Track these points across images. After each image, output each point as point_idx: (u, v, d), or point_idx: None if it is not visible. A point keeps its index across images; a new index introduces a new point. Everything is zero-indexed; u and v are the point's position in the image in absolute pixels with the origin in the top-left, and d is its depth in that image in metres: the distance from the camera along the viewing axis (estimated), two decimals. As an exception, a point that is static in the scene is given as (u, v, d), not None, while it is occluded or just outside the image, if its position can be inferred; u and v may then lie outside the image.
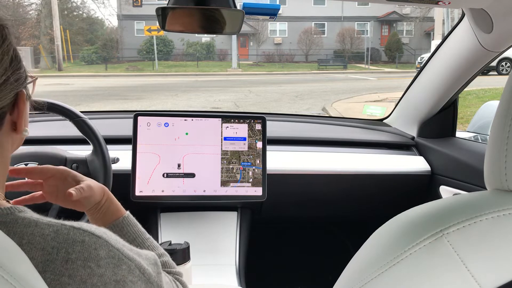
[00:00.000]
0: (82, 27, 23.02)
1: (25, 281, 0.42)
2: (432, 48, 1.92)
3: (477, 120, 1.74)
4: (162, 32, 18.33)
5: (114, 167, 1.27)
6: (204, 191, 1.37)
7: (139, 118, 1.37)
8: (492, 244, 0.44)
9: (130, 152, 1.36)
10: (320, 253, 2.03)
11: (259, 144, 1.41)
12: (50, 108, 1.22)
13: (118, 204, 0.80)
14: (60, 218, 0.55)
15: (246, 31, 23.79)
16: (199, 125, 1.39)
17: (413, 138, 1.72)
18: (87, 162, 1.25)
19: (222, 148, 1.39)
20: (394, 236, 0.49)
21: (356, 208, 1.76)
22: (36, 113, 1.72)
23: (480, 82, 6.85)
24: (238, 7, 0.87)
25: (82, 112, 1.26)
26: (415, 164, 1.62)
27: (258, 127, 1.42)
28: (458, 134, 1.64)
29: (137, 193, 1.34)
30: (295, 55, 24.07)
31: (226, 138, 1.40)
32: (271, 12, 0.94)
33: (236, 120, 1.41)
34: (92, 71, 18.27)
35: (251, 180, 1.39)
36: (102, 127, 1.31)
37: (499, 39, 1.17)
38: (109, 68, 19.43)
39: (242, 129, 1.41)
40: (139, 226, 0.80)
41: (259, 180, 1.40)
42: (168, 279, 0.68)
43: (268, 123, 1.43)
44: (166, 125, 1.38)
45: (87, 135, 1.23)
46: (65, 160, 1.24)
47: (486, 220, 0.45)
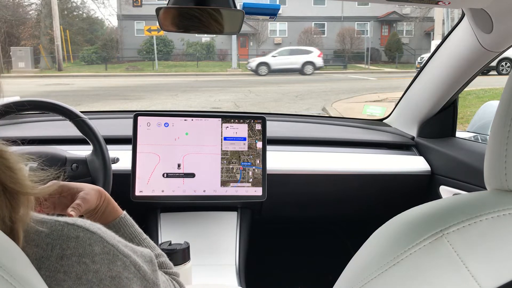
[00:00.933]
0: (82, 27, 22.98)
1: (25, 281, 0.42)
2: (432, 48, 1.92)
3: (477, 120, 1.74)
4: (162, 32, 18.31)
5: (114, 167, 1.27)
6: (204, 191, 1.37)
7: (139, 118, 1.37)
8: (492, 244, 0.44)
9: (130, 152, 1.36)
10: (320, 253, 2.03)
11: (259, 144, 1.41)
12: (50, 108, 1.22)
13: (115, 204, 0.80)
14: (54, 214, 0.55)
15: (246, 31, 23.75)
16: (199, 125, 1.39)
17: (413, 138, 1.72)
18: (87, 162, 1.25)
19: (222, 148, 1.39)
20: (394, 236, 0.49)
21: (356, 208, 1.76)
22: (37, 113, 1.73)
23: (480, 82, 6.84)
24: (238, 7, 0.88)
25: (82, 112, 1.26)
26: (415, 164, 1.62)
27: (258, 127, 1.42)
28: (458, 134, 1.64)
29: (137, 193, 1.34)
30: (295, 55, 24.02)
31: (226, 138, 1.40)
32: (271, 12, 0.94)
33: (236, 120, 1.41)
34: (92, 71, 18.25)
35: (251, 180, 1.39)
36: (102, 127, 1.31)
37: (499, 39, 1.17)
38: (109, 68, 19.40)
39: (242, 129, 1.41)
40: (136, 227, 0.80)
41: (259, 180, 1.40)
42: (165, 278, 0.68)
43: (268, 123, 1.43)
44: (166, 125, 1.38)
45: (87, 135, 1.23)
46: (65, 160, 1.24)
47: (486, 220, 0.45)
